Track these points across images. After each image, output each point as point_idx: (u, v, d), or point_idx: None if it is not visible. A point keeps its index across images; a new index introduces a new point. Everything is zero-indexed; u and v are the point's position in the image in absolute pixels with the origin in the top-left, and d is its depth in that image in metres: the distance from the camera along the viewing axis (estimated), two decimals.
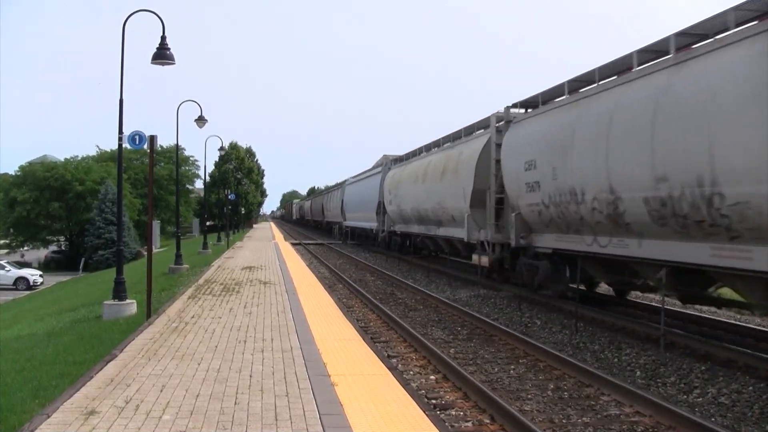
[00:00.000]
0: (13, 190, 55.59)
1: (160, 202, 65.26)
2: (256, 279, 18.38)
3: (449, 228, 21.96)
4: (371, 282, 21.57)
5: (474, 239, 18.97)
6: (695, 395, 8.34)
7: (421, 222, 25.72)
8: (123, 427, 5.57)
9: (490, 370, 9.73)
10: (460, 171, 19.77)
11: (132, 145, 14.40)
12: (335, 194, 53.60)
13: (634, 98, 10.91)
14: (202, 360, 8.11)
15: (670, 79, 10.06)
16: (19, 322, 20.05)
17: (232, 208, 60.71)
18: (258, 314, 11.86)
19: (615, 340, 11.40)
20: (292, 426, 5.63)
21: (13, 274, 40.58)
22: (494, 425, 7.14)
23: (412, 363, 10.07)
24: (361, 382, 7.29)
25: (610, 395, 8.15)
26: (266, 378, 7.22)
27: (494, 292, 17.72)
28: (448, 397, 8.21)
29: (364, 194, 38.11)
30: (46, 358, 10.65)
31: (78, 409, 6.04)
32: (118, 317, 13.88)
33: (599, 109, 11.97)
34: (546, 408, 7.83)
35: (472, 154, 18.84)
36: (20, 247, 59.37)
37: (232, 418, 5.80)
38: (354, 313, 14.68)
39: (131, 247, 48.52)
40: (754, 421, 7.34)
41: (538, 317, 13.99)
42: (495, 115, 17.85)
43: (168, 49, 14.31)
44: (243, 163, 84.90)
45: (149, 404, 6.22)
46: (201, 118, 28.02)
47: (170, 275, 23.97)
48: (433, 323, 13.67)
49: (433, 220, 23.54)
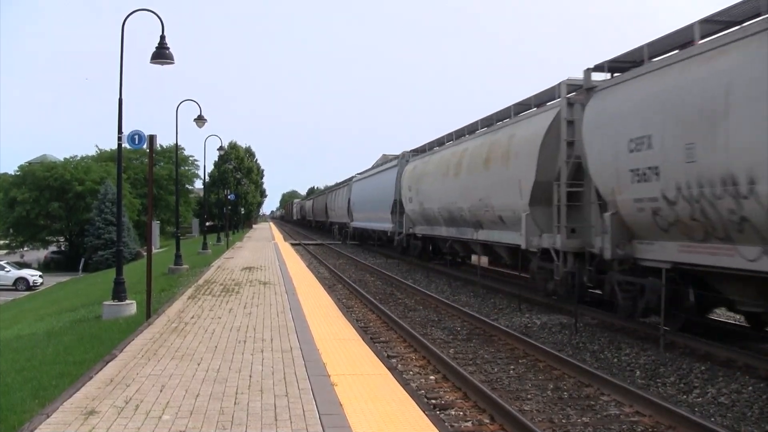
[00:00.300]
0: (13, 190, 55.58)
1: (160, 202, 65.24)
2: (256, 279, 18.37)
3: (493, 231, 17.94)
4: (371, 282, 21.56)
5: (534, 246, 15.02)
6: (695, 395, 8.34)
7: (451, 223, 21.83)
8: (123, 427, 5.57)
9: (490, 370, 9.73)
10: (514, 159, 15.77)
11: (131, 145, 14.40)
12: (341, 192, 49.80)
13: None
14: (201, 360, 8.11)
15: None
16: (19, 322, 20.05)
17: (231, 208, 60.71)
18: (258, 314, 11.86)
19: (615, 340, 11.40)
20: (292, 426, 5.63)
21: (12, 275, 40.59)
22: (494, 425, 7.14)
23: (412, 363, 10.07)
24: (360, 382, 7.29)
25: (609, 395, 8.15)
26: (266, 378, 7.22)
27: (493, 293, 17.70)
28: (448, 397, 8.21)
29: (377, 192, 33.92)
30: (46, 358, 10.65)
31: (78, 409, 6.04)
32: (118, 317, 13.88)
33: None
34: (546, 408, 7.83)
35: (533, 136, 14.82)
36: (20, 248, 59.36)
37: (231, 418, 5.80)
38: (354, 314, 14.68)
39: (131, 247, 48.49)
40: (753, 421, 7.34)
41: (537, 317, 13.98)
42: (565, 83, 13.99)
43: (167, 48, 14.32)
44: (242, 163, 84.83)
45: (149, 404, 6.22)
46: (200, 118, 28.04)
47: (170, 275, 23.96)
48: (432, 323, 13.67)
49: (470, 222, 19.60)
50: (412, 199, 26.07)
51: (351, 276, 23.25)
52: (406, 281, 20.66)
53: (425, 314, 14.83)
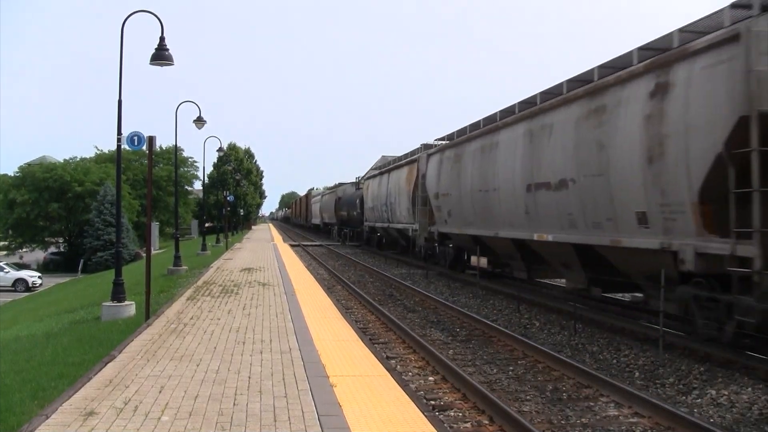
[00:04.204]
0: (12, 192, 55.53)
1: (159, 203, 65.24)
2: (255, 280, 18.36)
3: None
4: (370, 283, 21.56)
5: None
6: (694, 396, 8.35)
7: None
8: (122, 428, 5.57)
9: (489, 371, 9.73)
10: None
11: (131, 146, 14.40)
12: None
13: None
14: (200, 361, 8.11)
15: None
16: (18, 324, 20.05)
17: (230, 209, 60.68)
18: (257, 315, 11.85)
19: (614, 341, 11.40)
20: (291, 427, 5.63)
21: (12, 276, 40.56)
22: (493, 426, 7.15)
23: (411, 364, 10.07)
24: (359, 383, 7.29)
25: (608, 396, 8.16)
26: (265, 379, 7.22)
27: (493, 294, 17.70)
28: (447, 398, 8.21)
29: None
30: (44, 359, 10.66)
31: (77, 409, 6.03)
32: (117, 318, 13.88)
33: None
34: (545, 409, 7.83)
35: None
36: (19, 249, 59.34)
37: (230, 419, 5.80)
38: (353, 315, 14.68)
39: (130, 248, 48.48)
40: (752, 422, 7.34)
41: (536, 318, 13.98)
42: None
43: (167, 49, 14.34)
44: (242, 165, 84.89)
45: (148, 405, 6.21)
46: (200, 119, 28.05)
47: (169, 277, 23.97)
48: (431, 324, 13.67)
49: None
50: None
51: (350, 277, 23.26)
52: (404, 282, 20.66)
53: (424, 315, 14.83)
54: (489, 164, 17.36)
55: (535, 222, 14.66)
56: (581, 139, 12.66)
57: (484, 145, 17.95)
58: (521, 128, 15.54)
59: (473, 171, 18.52)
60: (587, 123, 12.50)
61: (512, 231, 16.10)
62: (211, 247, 41.14)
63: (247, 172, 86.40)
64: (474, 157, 18.62)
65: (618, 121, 11.46)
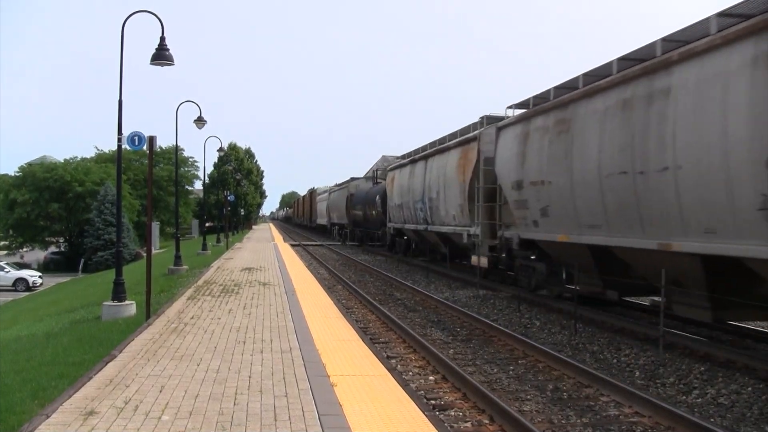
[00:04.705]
0: (13, 191, 55.62)
1: (160, 203, 65.29)
2: (256, 280, 18.37)
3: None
4: (370, 283, 21.55)
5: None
6: (694, 396, 8.35)
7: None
8: (122, 427, 5.57)
9: (490, 370, 9.73)
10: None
11: (131, 146, 14.42)
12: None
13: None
14: (201, 361, 8.11)
15: None
16: (18, 323, 20.07)
17: (231, 209, 60.69)
18: (257, 315, 11.85)
19: (614, 341, 11.40)
20: (291, 426, 5.63)
21: (12, 275, 40.62)
22: (493, 426, 7.14)
23: (412, 364, 10.07)
24: (360, 382, 7.29)
25: (609, 396, 8.16)
26: (265, 379, 7.22)
27: (492, 293, 17.68)
28: (448, 398, 8.21)
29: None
30: (45, 359, 10.66)
31: (77, 409, 6.04)
32: (118, 318, 13.89)
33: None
34: (545, 408, 7.83)
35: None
36: (20, 249, 59.40)
37: (231, 419, 5.80)
38: (353, 314, 14.69)
39: (130, 248, 48.55)
40: (753, 422, 7.34)
41: (537, 318, 13.98)
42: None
43: (167, 49, 14.35)
44: (242, 164, 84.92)
45: (148, 405, 6.21)
46: (200, 119, 28.07)
47: (169, 276, 23.98)
48: (432, 324, 13.67)
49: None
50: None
51: (350, 277, 23.25)
52: (405, 282, 20.66)
53: (425, 315, 14.83)
54: (646, 128, 10.40)
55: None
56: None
57: (631, 98, 10.90)
58: (748, 50, 8.43)
59: (605, 142, 11.63)
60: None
61: (712, 242, 9.09)
62: (211, 246, 41.15)
63: (247, 171, 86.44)
64: (604, 120, 11.70)
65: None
